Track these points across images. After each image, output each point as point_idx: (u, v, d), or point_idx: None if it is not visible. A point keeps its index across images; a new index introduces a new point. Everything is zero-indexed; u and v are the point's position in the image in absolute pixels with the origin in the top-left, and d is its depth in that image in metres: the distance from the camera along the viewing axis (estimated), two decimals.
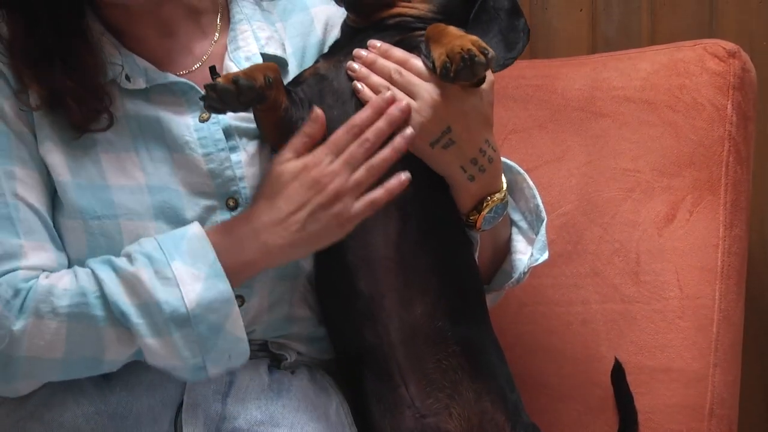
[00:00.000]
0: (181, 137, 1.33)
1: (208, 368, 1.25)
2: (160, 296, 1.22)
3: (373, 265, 1.32)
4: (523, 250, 1.48)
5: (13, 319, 1.21)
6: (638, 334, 1.64)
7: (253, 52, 1.42)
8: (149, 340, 1.22)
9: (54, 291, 1.22)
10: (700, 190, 1.65)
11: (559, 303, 1.70)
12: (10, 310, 1.21)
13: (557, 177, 1.72)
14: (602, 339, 1.66)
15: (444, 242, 1.36)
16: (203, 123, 1.34)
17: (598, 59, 1.83)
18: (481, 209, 1.37)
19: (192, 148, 1.33)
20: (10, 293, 1.22)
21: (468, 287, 1.39)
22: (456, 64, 1.22)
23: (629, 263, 1.67)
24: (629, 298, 1.66)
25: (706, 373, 1.60)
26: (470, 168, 1.34)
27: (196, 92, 1.34)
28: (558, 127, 1.78)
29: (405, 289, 1.32)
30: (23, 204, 1.26)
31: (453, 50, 1.23)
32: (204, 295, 1.22)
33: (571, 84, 1.79)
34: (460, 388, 1.33)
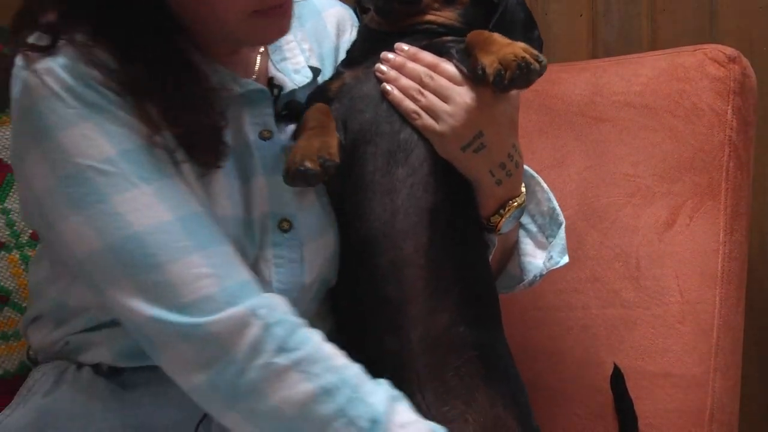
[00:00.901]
0: (245, 159, 1.29)
1: None
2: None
3: (402, 271, 1.32)
4: (531, 253, 1.48)
5: (271, 351, 1.14)
6: (638, 339, 1.64)
7: (302, 65, 1.42)
8: None
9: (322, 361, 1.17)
10: (701, 195, 1.65)
11: (560, 308, 1.71)
12: (269, 337, 1.14)
13: (557, 182, 1.71)
14: (602, 344, 1.66)
15: (466, 247, 1.37)
16: (265, 141, 1.32)
17: (598, 64, 1.83)
18: (502, 213, 1.38)
19: (256, 170, 1.30)
20: (271, 319, 1.16)
21: (485, 292, 1.40)
22: (512, 71, 1.22)
23: (629, 268, 1.67)
24: (629, 303, 1.65)
25: (707, 378, 1.59)
26: (498, 172, 1.35)
27: (267, 102, 1.33)
28: (558, 132, 1.79)
29: (431, 295, 1.32)
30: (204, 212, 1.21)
31: (506, 58, 1.24)
32: None
33: (572, 89, 1.79)
34: (476, 395, 1.32)
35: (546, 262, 1.46)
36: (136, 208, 1.15)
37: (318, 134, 1.29)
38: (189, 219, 1.17)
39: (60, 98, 1.17)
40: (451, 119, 1.30)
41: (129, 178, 1.16)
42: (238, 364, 1.13)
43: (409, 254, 1.32)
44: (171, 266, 1.14)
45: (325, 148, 1.27)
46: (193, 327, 1.14)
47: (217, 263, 1.16)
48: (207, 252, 1.16)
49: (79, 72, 1.17)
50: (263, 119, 1.32)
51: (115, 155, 1.17)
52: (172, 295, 1.14)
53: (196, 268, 1.15)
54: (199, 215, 1.18)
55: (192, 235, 1.16)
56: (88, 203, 1.16)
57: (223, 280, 1.15)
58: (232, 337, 1.13)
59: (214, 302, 1.14)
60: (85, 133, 1.17)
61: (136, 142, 1.18)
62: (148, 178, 1.17)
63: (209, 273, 1.15)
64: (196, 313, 1.13)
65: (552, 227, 1.48)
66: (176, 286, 1.14)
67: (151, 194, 1.16)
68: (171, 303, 1.14)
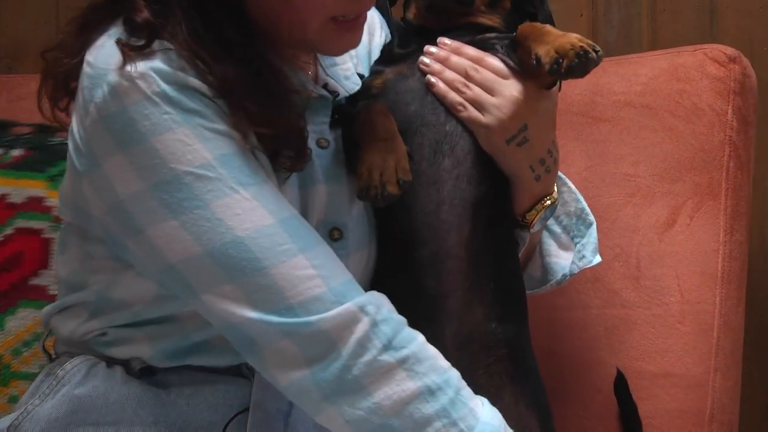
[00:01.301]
0: (309, 164, 1.29)
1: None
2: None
3: (443, 264, 1.32)
4: (555, 254, 1.48)
5: (378, 350, 1.15)
6: (638, 338, 1.64)
7: (351, 71, 1.43)
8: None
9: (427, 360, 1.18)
10: (701, 195, 1.65)
11: (560, 308, 1.70)
12: (377, 334, 1.16)
13: None
14: (602, 344, 1.65)
15: (502, 243, 1.38)
16: (323, 150, 1.33)
17: None
18: (538, 209, 1.39)
19: (314, 178, 1.30)
20: (378, 316, 1.17)
21: (516, 288, 1.41)
22: (569, 60, 1.23)
23: (630, 268, 1.67)
24: (630, 303, 1.65)
25: (707, 378, 1.59)
26: (538, 168, 1.36)
27: (326, 110, 1.34)
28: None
29: (469, 289, 1.33)
30: (298, 216, 1.22)
31: (563, 47, 1.24)
32: None
33: (572, 89, 1.76)
34: (502, 393, 1.33)
35: (577, 261, 1.47)
36: (236, 212, 1.16)
37: (389, 148, 1.29)
38: (289, 221, 1.18)
39: (154, 103, 1.16)
40: (497, 111, 1.31)
41: (228, 182, 1.17)
42: (343, 360, 1.14)
43: (452, 246, 1.32)
44: (276, 269, 1.16)
45: (400, 166, 1.27)
46: (302, 325, 1.15)
47: (320, 264, 1.17)
48: (310, 253, 1.17)
49: (173, 77, 1.17)
50: (320, 127, 1.33)
51: (213, 160, 1.17)
52: (278, 298, 1.15)
53: (302, 270, 1.16)
54: (297, 217, 1.20)
55: (294, 237, 1.17)
56: (186, 208, 1.16)
57: (329, 280, 1.16)
58: (340, 333, 1.15)
59: (321, 302, 1.15)
60: (180, 139, 1.17)
61: (232, 146, 1.18)
62: (246, 183, 1.17)
63: (314, 274, 1.16)
64: (304, 314, 1.15)
65: (579, 227, 1.49)
66: (283, 289, 1.15)
67: (250, 198, 1.17)
68: (277, 306, 1.15)
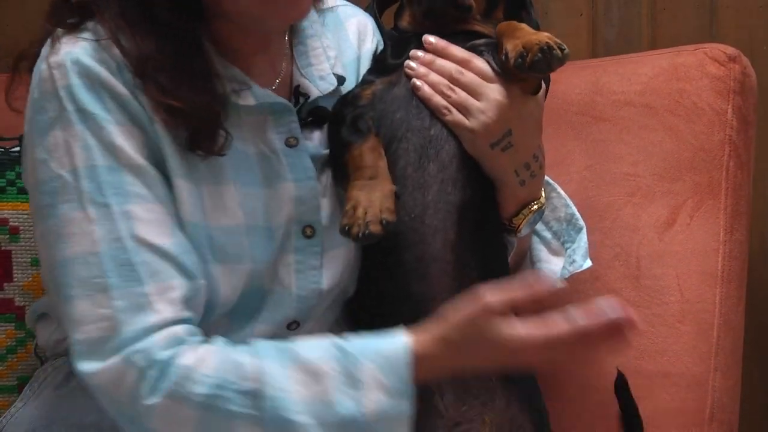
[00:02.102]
0: (271, 166, 1.31)
1: None
2: (338, 396, 1.15)
3: (428, 266, 1.33)
4: (546, 260, 1.48)
5: (146, 392, 1.15)
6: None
7: (327, 72, 1.41)
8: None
9: (193, 376, 1.16)
10: (701, 194, 1.65)
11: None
12: (143, 381, 1.15)
13: (557, 181, 1.64)
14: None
15: (489, 246, 1.38)
16: (291, 148, 1.32)
17: (598, 64, 1.83)
18: (525, 213, 1.39)
19: (282, 176, 1.31)
20: (145, 363, 1.16)
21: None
22: (533, 54, 1.23)
23: (630, 268, 1.66)
24: (630, 302, 1.62)
25: (707, 378, 1.59)
26: (523, 172, 1.36)
27: (291, 114, 1.33)
28: (558, 132, 1.77)
29: (457, 292, 1.30)
30: (143, 246, 1.19)
31: (530, 42, 1.25)
32: (384, 409, 1.15)
33: (572, 88, 1.78)
34: (493, 395, 1.33)
35: (568, 266, 1.47)
36: (74, 232, 1.18)
37: (376, 185, 1.28)
38: (117, 252, 1.18)
39: (59, 97, 1.19)
40: (482, 116, 1.31)
41: (84, 197, 1.18)
42: (127, 413, 1.17)
43: (437, 250, 1.32)
44: (80, 302, 1.17)
45: (385, 206, 1.26)
46: (82, 374, 1.17)
47: (125, 306, 1.17)
48: (120, 291, 1.17)
49: (87, 71, 1.19)
50: (288, 127, 1.32)
51: (82, 169, 1.18)
52: (74, 331, 1.17)
53: (102, 309, 1.17)
54: (136, 249, 1.18)
55: (112, 271, 1.17)
56: (45, 216, 1.20)
57: (123, 325, 1.16)
58: (113, 388, 1.16)
59: (102, 347, 1.16)
60: (67, 140, 1.19)
61: (109, 159, 1.19)
62: (99, 202, 1.18)
63: (110, 315, 1.16)
64: (90, 357, 1.16)
65: (570, 233, 1.49)
66: (79, 324, 1.17)
67: (93, 220, 1.18)
68: (76, 338, 1.17)
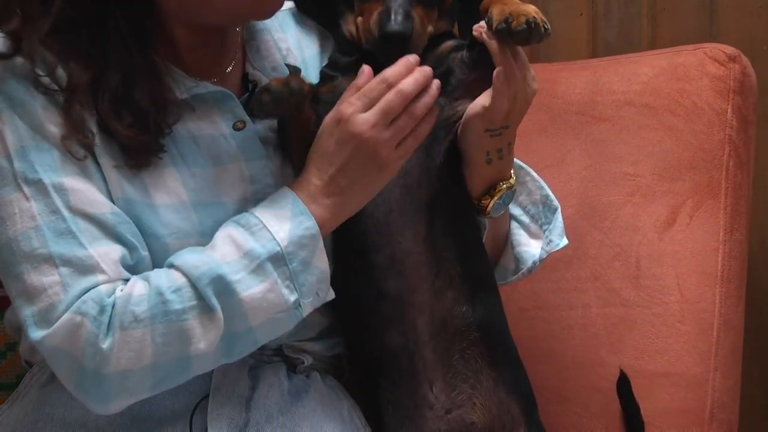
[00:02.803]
0: (220, 147, 1.33)
1: (303, 306, 1.25)
2: (253, 244, 1.23)
3: (402, 263, 1.34)
4: (526, 243, 1.49)
5: (102, 337, 1.19)
6: (638, 338, 1.63)
7: (278, 62, 1.43)
8: (251, 291, 1.22)
9: (131, 299, 1.21)
10: (701, 194, 1.65)
11: (560, 307, 1.70)
12: (99, 327, 1.19)
13: (557, 181, 1.69)
14: (603, 343, 1.65)
15: (463, 228, 1.38)
16: (238, 131, 1.35)
17: (598, 63, 1.83)
18: (492, 194, 1.39)
19: (232, 156, 1.34)
20: (96, 310, 1.20)
21: (483, 272, 1.41)
22: (518, 23, 1.22)
23: (629, 267, 1.66)
24: (629, 302, 1.64)
25: (707, 377, 1.59)
26: (493, 154, 1.37)
27: (232, 100, 1.35)
28: (558, 131, 1.77)
29: (436, 279, 1.34)
30: (80, 215, 1.24)
31: (517, 11, 1.24)
32: (294, 232, 1.24)
33: (572, 88, 1.78)
34: (480, 377, 1.34)
35: (545, 246, 1.48)
36: (14, 211, 1.23)
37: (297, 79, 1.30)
38: (58, 222, 1.22)
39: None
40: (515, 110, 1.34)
41: (18, 177, 1.23)
42: (89, 367, 1.19)
43: (409, 246, 1.34)
44: (29, 275, 1.21)
45: (294, 79, 1.28)
46: (38, 344, 1.20)
47: (69, 272, 1.21)
48: (63, 258, 1.21)
49: (18, 68, 1.24)
50: (233, 113, 1.35)
51: (13, 152, 1.23)
52: (28, 306, 1.21)
53: (48, 276, 1.20)
54: (73, 218, 1.22)
55: (52, 240, 1.21)
56: None
57: (69, 288, 1.20)
58: (69, 344, 1.19)
59: (54, 312, 1.20)
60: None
61: (37, 140, 1.24)
62: (32, 180, 1.23)
63: (57, 281, 1.20)
64: (43, 324, 1.20)
65: (546, 214, 1.50)
66: (31, 297, 1.21)
67: (29, 197, 1.22)
68: (30, 313, 1.21)
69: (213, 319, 1.21)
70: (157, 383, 1.23)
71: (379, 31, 1.28)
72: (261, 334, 1.25)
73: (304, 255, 1.25)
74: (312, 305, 1.27)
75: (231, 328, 1.22)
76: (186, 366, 1.23)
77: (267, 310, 1.23)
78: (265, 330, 1.25)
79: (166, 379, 1.23)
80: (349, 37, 1.39)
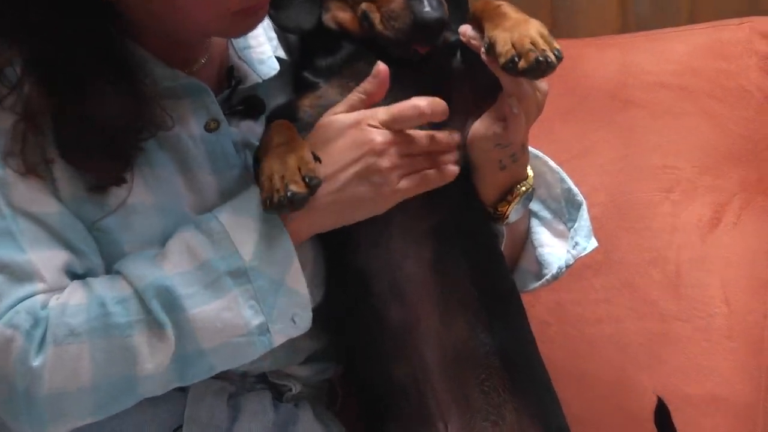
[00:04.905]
0: (186, 153, 1.28)
1: (273, 333, 1.20)
2: (212, 255, 1.18)
3: (405, 291, 1.29)
4: (549, 243, 1.43)
5: (33, 354, 1.14)
6: (679, 357, 1.56)
7: (268, 55, 1.37)
8: (202, 309, 1.16)
9: (67, 310, 1.16)
10: (749, 190, 1.61)
11: (587, 322, 1.62)
12: (30, 342, 1.14)
13: (583, 175, 1.59)
14: (637, 363, 1.58)
15: (476, 243, 1.33)
16: (211, 133, 1.28)
17: (628, 39, 1.80)
18: (509, 199, 1.34)
19: (201, 165, 1.28)
20: (30, 322, 1.15)
21: (503, 286, 1.36)
22: (528, 62, 1.16)
23: (668, 275, 1.60)
24: (668, 315, 1.58)
25: (757, 401, 1.54)
26: (506, 160, 1.32)
27: (207, 95, 1.28)
28: (583, 118, 1.72)
29: (445, 305, 1.29)
30: (22, 214, 1.19)
31: (522, 44, 1.18)
32: (260, 246, 1.19)
33: (598, 68, 1.73)
34: (503, 412, 1.29)
35: (570, 249, 1.42)
36: None
37: (288, 150, 1.21)
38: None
39: None
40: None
41: None
42: (19, 388, 1.15)
43: (412, 272, 1.28)
44: None
45: (303, 164, 1.20)
46: None
47: (4, 278, 1.17)
48: (1, 263, 1.17)
49: None
50: (207, 109, 1.28)
51: None
52: None
53: None
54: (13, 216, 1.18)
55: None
56: None
57: (3, 296, 1.16)
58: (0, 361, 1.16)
59: None
60: None
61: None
62: None
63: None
64: None
65: (570, 210, 1.43)
66: None
67: None
68: None
69: (162, 337, 1.16)
70: (99, 407, 1.18)
71: (413, 18, 1.23)
72: (216, 359, 1.19)
73: (274, 273, 1.19)
74: (285, 333, 1.21)
75: (182, 349, 1.17)
76: (131, 388, 1.18)
77: (222, 332, 1.17)
78: (221, 355, 1.19)
79: (111, 402, 1.18)
80: (335, 28, 1.32)
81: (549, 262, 1.41)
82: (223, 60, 1.36)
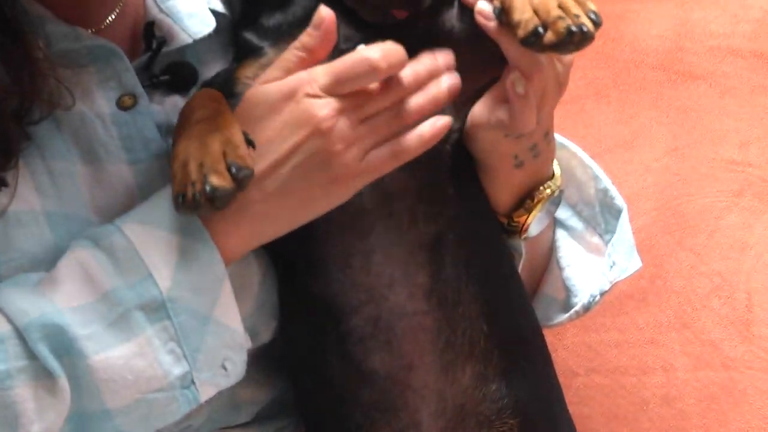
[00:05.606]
0: (93, 137, 1.12)
1: (199, 385, 1.06)
2: (117, 281, 1.03)
3: (390, 328, 1.14)
4: (579, 262, 1.28)
5: None
6: (749, 414, 1.41)
7: (200, 6, 1.24)
8: (106, 355, 1.02)
9: None
10: None
11: (628, 370, 1.48)
12: None
13: (626, 172, 1.53)
14: (694, 423, 1.44)
15: (487, 266, 1.18)
16: (125, 111, 1.13)
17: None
18: (529, 206, 1.19)
19: (112, 154, 1.12)
20: None
21: (522, 323, 1.22)
22: (558, 35, 1.01)
23: (736, 308, 1.46)
24: (735, 361, 1.45)
25: None
26: (524, 154, 1.16)
27: (119, 61, 1.13)
28: (627, 96, 1.61)
29: (446, 348, 1.15)
30: None
31: (548, 9, 1.03)
32: (180, 270, 1.05)
33: (649, 30, 1.63)
34: None
35: (607, 271, 1.26)
36: None
37: (212, 129, 1.04)
38: None
39: None
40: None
41: None
42: None
43: (401, 303, 1.12)
44: None
45: (231, 148, 1.02)
46: None
47: None
48: None
49: None
50: (118, 80, 1.14)
51: None
52: None
53: None
54: None
55: None
56: None
57: None
58: None
59: None
60: None
61: None
62: None
63: None
64: None
65: (606, 218, 1.28)
66: None
67: None
68: None
69: (52, 390, 1.00)
70: None
71: None
72: (126, 421, 1.03)
73: (199, 304, 1.04)
74: (215, 384, 1.05)
75: (80, 407, 1.02)
76: None
77: (134, 385, 1.02)
78: (132, 416, 1.03)
79: None
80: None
81: (579, 287, 1.26)
82: (139, 13, 1.23)
